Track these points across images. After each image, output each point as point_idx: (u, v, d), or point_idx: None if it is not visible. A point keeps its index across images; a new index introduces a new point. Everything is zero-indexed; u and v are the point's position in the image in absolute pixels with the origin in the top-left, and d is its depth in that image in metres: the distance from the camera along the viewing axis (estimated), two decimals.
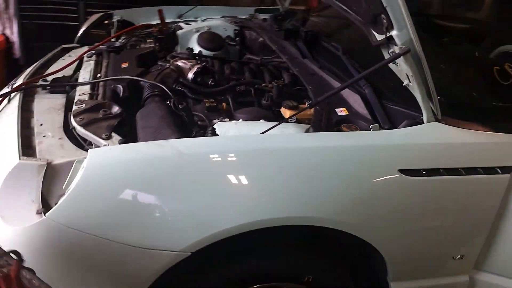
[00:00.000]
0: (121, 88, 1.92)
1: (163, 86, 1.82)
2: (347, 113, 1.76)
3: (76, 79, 2.16)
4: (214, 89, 2.03)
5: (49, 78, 2.10)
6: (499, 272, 1.72)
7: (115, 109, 1.78)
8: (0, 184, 1.49)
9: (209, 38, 2.74)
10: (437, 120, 1.59)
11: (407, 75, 1.52)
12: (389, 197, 1.48)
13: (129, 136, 1.64)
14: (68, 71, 2.22)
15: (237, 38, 2.85)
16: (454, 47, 2.28)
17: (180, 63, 2.11)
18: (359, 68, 1.94)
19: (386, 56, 1.57)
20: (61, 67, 2.18)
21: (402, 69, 1.52)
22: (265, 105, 1.95)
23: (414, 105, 1.60)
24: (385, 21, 1.42)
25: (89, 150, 1.37)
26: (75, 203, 1.31)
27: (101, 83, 2.00)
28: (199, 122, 1.74)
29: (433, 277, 1.72)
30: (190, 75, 2.08)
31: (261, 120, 1.72)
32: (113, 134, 1.64)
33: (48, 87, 2.01)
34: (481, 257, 1.70)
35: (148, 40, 2.67)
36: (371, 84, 1.85)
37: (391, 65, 1.57)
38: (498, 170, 1.55)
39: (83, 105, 1.82)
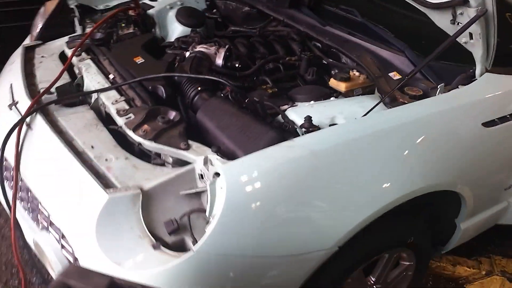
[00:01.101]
0: (162, 89, 1.70)
1: (224, 80, 1.66)
2: (400, 76, 1.81)
3: (80, 84, 1.85)
4: (247, 72, 1.92)
5: (53, 89, 1.77)
6: None
7: (172, 113, 1.59)
8: (94, 226, 1.29)
9: (189, 14, 2.51)
10: (488, 71, 1.72)
11: (469, 33, 1.61)
12: (476, 149, 1.61)
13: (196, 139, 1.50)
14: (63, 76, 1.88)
15: (214, 10, 2.65)
16: None
17: (202, 49, 1.93)
18: (388, 31, 1.98)
19: (439, 19, 1.64)
20: (57, 74, 1.84)
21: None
22: (310, 80, 1.91)
23: (452, 59, 1.73)
24: None
25: (220, 168, 1.23)
26: (224, 229, 1.19)
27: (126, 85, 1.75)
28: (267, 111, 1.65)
29: (486, 209, 1.94)
30: (220, 61, 1.92)
31: (332, 98, 1.70)
32: (190, 142, 1.49)
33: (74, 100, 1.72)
34: None
35: (122, 25, 2.35)
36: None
37: (446, 23, 1.66)
38: None
39: (131, 115, 1.59)
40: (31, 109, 1.62)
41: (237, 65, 1.94)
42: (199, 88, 1.72)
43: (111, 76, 1.84)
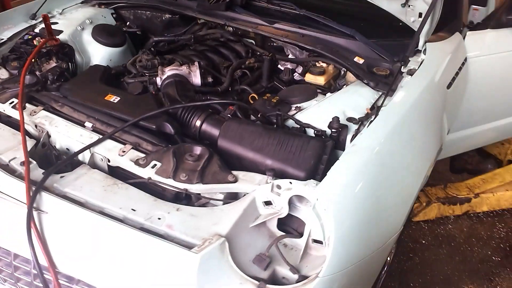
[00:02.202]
0: (169, 125, 1.55)
1: (235, 101, 1.60)
2: (363, 59, 1.98)
3: (46, 144, 1.56)
4: (225, 85, 1.87)
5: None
6: None
7: (198, 148, 1.48)
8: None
9: (108, 32, 2.24)
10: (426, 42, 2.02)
11: (419, 13, 1.87)
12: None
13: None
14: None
15: (128, 23, 2.41)
16: None
17: (175, 71, 1.78)
18: (327, 18, 2.12)
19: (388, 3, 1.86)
20: (15, 141, 1.50)
21: (415, 9, 1.85)
22: (287, 80, 1.95)
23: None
24: None
25: (316, 191, 1.23)
26: (340, 246, 1.21)
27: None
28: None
29: None
30: (198, 80, 1.81)
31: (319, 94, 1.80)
32: (233, 172, 1.43)
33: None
34: None
35: (39, 61, 1.98)
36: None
37: (396, 7, 1.88)
38: None
39: (155, 162, 1.43)
40: (32, 193, 1.30)
41: (210, 80, 1.86)
42: (206, 115, 1.62)
43: (88, 125, 1.58)
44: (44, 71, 1.89)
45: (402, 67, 1.91)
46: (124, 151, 1.47)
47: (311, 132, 1.61)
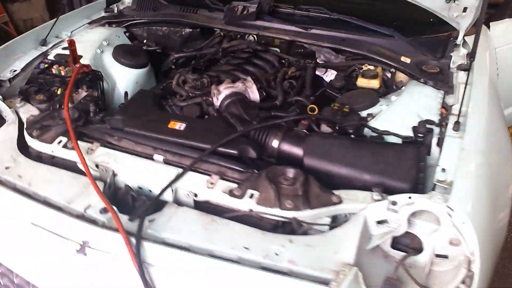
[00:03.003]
0: (250, 148, 1.42)
1: (319, 116, 1.52)
2: (409, 59, 1.95)
3: (111, 184, 1.39)
4: (280, 98, 1.78)
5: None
6: None
7: (290, 170, 1.36)
8: None
9: (130, 52, 2.06)
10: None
11: (464, 8, 1.85)
12: None
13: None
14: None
15: (145, 42, 2.24)
16: None
17: (233, 89, 1.65)
18: (360, 19, 2.07)
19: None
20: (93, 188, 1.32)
21: (460, 3, 1.84)
22: (340, 86, 1.88)
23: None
24: None
25: (450, 204, 1.16)
26: (486, 257, 1.16)
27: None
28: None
29: None
30: (257, 96, 1.69)
31: (392, 95, 1.73)
32: (335, 192, 1.33)
33: None
34: None
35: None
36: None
37: (439, 3, 1.87)
38: None
39: (251, 192, 1.30)
40: (134, 245, 1.14)
41: (264, 94, 1.76)
42: (284, 132, 1.51)
43: (158, 158, 1.42)
44: (77, 102, 1.70)
45: (451, 63, 1.90)
46: (212, 183, 1.33)
47: (392, 139, 1.54)
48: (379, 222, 1.27)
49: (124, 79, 2.02)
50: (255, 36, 2.17)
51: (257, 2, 2.12)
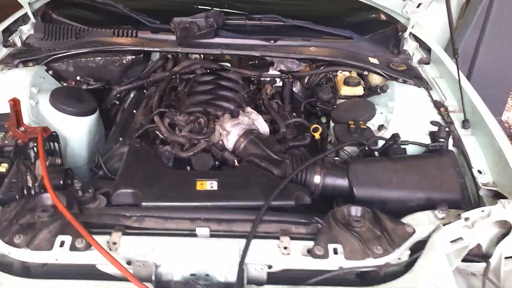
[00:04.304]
0: (303, 194, 1.25)
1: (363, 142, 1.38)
2: (375, 59, 1.95)
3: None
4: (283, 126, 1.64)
5: None
6: None
7: (355, 208, 1.24)
8: None
9: (75, 96, 1.66)
10: None
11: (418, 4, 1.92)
12: None
13: None
14: None
15: (80, 78, 1.81)
16: None
17: (236, 127, 1.43)
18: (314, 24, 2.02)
19: None
20: None
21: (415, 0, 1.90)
22: (329, 98, 1.80)
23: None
24: None
25: None
26: None
27: None
28: None
29: None
30: (265, 128, 1.54)
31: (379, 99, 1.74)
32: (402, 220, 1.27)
33: None
34: None
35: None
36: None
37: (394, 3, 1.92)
38: None
39: (335, 245, 1.14)
40: None
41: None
42: (323, 166, 1.37)
43: (203, 231, 1.15)
44: (41, 179, 1.29)
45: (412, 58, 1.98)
46: (286, 247, 1.13)
47: (415, 149, 1.52)
48: (453, 241, 1.25)
49: (75, 131, 1.62)
50: (201, 54, 1.94)
51: (204, 16, 1.89)
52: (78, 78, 1.81)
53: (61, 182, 1.33)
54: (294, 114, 1.82)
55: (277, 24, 2.01)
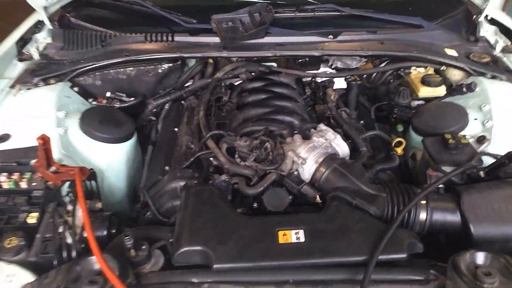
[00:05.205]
0: (418, 243, 0.98)
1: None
2: (451, 49, 1.65)
3: None
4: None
5: None
6: None
7: (485, 257, 0.97)
8: None
9: (110, 120, 1.41)
10: None
11: None
12: None
13: None
14: None
15: (111, 94, 1.54)
16: None
17: (314, 152, 1.15)
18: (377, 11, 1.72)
19: None
20: None
21: None
22: (407, 103, 1.51)
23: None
24: None
25: None
26: None
27: None
28: None
29: None
30: (345, 150, 1.24)
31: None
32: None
33: None
34: None
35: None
36: None
37: None
38: None
39: None
40: None
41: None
42: (428, 199, 1.09)
43: None
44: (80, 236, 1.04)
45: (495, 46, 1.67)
46: None
47: None
48: None
49: (112, 161, 1.36)
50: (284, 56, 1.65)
51: (247, 11, 1.59)
52: (108, 94, 1.54)
53: (105, 233, 1.09)
54: (362, 121, 1.54)
55: (333, 14, 1.71)
